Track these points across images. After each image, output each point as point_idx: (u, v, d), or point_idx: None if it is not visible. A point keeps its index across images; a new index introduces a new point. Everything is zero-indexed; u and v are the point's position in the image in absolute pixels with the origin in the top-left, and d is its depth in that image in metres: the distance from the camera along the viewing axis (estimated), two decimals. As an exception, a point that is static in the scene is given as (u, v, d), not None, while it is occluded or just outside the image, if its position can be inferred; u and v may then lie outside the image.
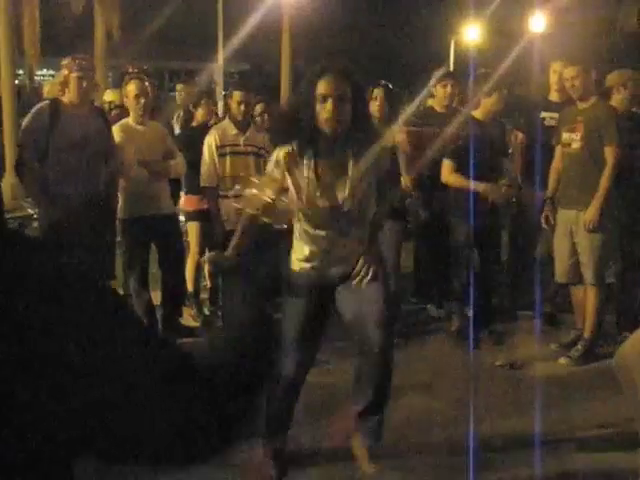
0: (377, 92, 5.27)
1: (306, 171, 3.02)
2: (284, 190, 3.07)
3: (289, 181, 3.06)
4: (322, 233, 3.10)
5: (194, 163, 5.20)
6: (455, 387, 4.37)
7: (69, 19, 20.56)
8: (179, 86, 7.16)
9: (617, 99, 5.21)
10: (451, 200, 5.25)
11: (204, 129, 5.41)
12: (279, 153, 3.07)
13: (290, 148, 3.03)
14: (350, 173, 3.02)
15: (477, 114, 5.22)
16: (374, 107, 5.22)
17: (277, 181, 3.01)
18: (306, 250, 3.15)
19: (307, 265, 3.17)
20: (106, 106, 6.39)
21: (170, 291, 5.29)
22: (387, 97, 5.26)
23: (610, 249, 4.89)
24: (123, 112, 5.67)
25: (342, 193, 3.04)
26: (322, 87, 2.92)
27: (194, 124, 5.80)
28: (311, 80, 2.96)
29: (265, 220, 2.77)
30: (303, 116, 2.96)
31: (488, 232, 5.24)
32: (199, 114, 5.76)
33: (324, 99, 2.91)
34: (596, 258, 4.83)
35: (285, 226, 2.98)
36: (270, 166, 3.13)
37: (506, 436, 3.77)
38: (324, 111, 2.91)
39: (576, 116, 4.91)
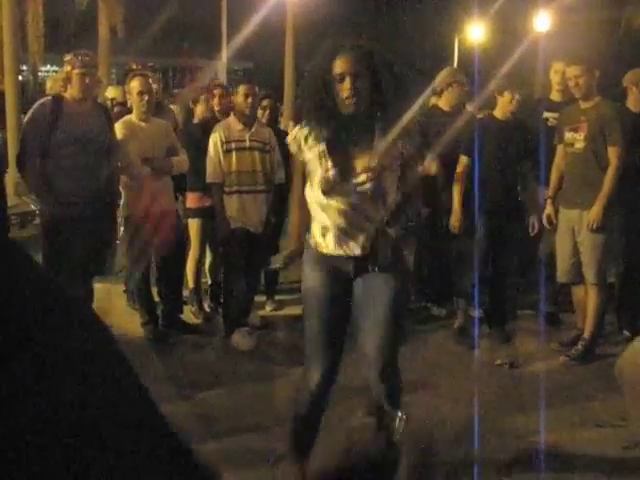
0: None
1: (323, 148, 2.95)
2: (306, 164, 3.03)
3: (306, 156, 3.01)
4: (334, 203, 2.96)
5: (194, 160, 5.19)
6: (455, 386, 4.38)
7: (73, 16, 20.60)
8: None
9: (630, 99, 5.21)
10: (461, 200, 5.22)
11: (205, 126, 5.41)
12: (299, 131, 3.02)
13: (308, 127, 2.98)
14: (371, 151, 2.91)
15: (497, 114, 5.22)
16: None
17: (300, 162, 3.05)
18: (318, 222, 3.03)
19: (320, 240, 3.02)
20: (108, 103, 6.39)
21: (170, 288, 5.30)
22: None
23: (612, 249, 4.89)
24: (125, 109, 5.67)
25: (360, 170, 2.92)
26: (338, 66, 2.86)
27: (195, 121, 5.78)
28: (326, 59, 2.89)
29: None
30: (321, 96, 2.89)
31: (501, 231, 5.22)
32: (198, 110, 5.74)
33: (341, 78, 2.85)
34: (598, 258, 4.83)
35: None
36: (291, 144, 3.06)
37: (506, 434, 3.77)
38: (342, 90, 2.85)
39: (579, 115, 4.90)
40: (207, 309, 5.76)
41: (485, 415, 3.88)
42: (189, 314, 5.60)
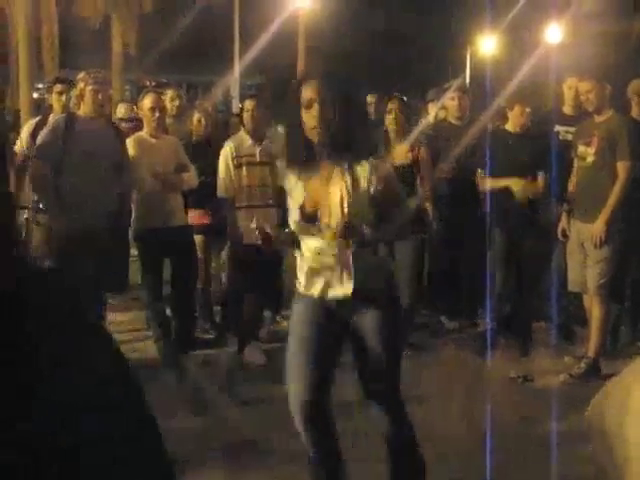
0: (391, 105, 5.24)
1: (295, 182, 2.90)
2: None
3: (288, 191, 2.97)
4: (313, 243, 2.87)
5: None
6: (468, 399, 4.35)
7: (87, 34, 20.81)
8: None
9: (635, 110, 5.19)
10: (491, 210, 5.23)
11: (200, 146, 5.52)
12: (281, 164, 3.04)
13: (286, 159, 2.96)
14: (340, 185, 2.79)
15: (509, 127, 5.24)
16: (389, 120, 5.20)
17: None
18: (303, 265, 2.93)
19: (306, 283, 2.91)
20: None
21: (183, 303, 5.30)
22: (402, 109, 5.22)
23: (617, 262, 4.82)
24: (135, 125, 5.73)
25: (330, 206, 2.80)
26: (305, 92, 2.80)
27: (193, 139, 5.75)
28: (295, 87, 2.85)
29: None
30: (291, 125, 2.86)
31: (518, 244, 5.20)
32: (194, 128, 5.73)
33: (309, 105, 2.78)
34: (601, 271, 4.78)
35: None
36: (280, 176, 3.12)
37: (518, 448, 3.75)
38: (309, 117, 2.78)
39: (593, 129, 4.89)
40: (219, 323, 5.77)
41: (497, 429, 3.84)
42: (202, 330, 5.61)
